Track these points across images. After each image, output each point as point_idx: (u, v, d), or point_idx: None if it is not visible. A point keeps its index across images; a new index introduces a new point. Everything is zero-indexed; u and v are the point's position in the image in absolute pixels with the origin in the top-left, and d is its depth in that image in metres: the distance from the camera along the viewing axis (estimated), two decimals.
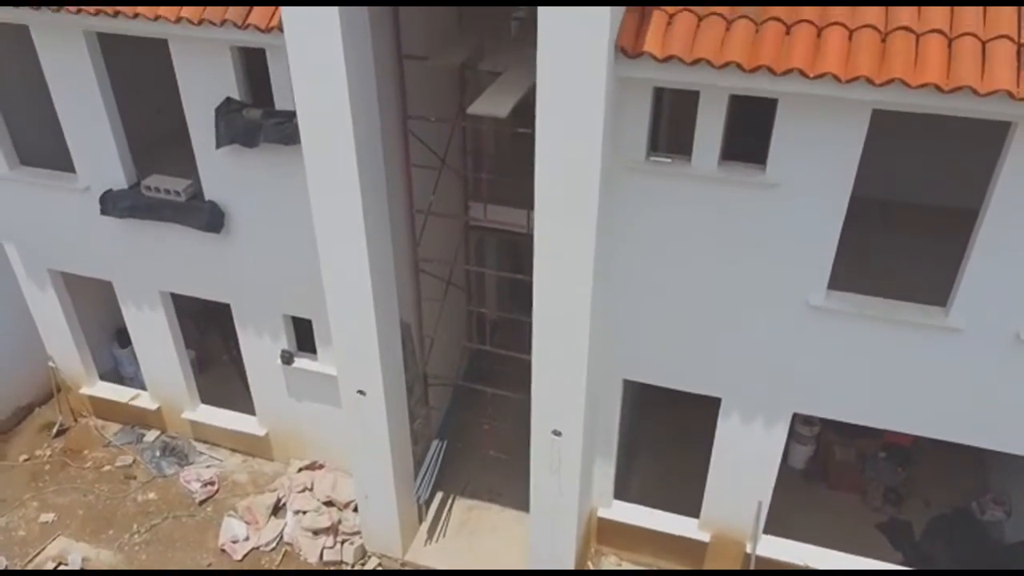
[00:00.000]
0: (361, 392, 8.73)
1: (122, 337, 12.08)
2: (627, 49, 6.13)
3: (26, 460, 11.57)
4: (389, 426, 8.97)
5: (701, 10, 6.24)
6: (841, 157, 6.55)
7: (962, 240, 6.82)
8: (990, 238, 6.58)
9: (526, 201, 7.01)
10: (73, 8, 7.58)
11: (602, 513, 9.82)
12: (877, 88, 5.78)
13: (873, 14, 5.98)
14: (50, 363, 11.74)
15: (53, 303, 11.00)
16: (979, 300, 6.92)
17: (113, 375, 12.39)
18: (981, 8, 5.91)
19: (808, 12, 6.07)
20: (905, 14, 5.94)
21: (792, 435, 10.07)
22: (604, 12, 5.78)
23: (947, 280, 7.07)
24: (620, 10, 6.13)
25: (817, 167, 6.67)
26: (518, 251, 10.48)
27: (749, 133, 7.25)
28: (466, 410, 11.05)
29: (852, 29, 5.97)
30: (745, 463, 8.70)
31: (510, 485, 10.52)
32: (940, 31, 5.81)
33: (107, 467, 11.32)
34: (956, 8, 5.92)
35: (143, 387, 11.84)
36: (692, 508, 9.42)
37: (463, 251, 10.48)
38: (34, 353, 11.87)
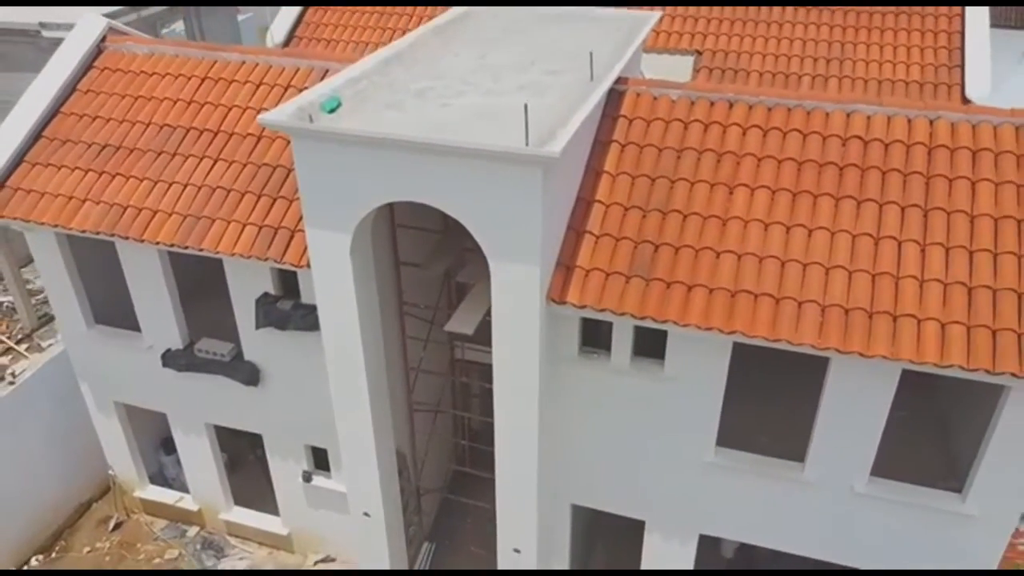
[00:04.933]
0: (366, 514, 11.20)
1: (167, 445, 14.55)
2: (555, 299, 8.69)
3: (89, 552, 14.01)
4: (388, 538, 11.42)
5: (608, 268, 8.80)
6: (715, 364, 9.07)
7: None
8: (825, 421, 9.09)
9: None
10: (151, 239, 10.17)
11: None
12: (727, 335, 8.31)
13: (726, 278, 8.52)
14: (110, 471, 14.23)
15: (116, 426, 13.50)
16: (823, 462, 9.41)
17: (159, 476, 14.84)
18: (801, 273, 8.45)
19: (681, 274, 8.61)
20: (748, 280, 8.47)
21: None
22: (534, 277, 8.34)
23: None
24: (549, 271, 8.69)
25: (699, 369, 9.19)
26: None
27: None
28: (452, 515, 13.48)
29: (712, 289, 8.51)
30: (665, 568, 11.12)
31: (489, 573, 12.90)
32: (770, 295, 8.35)
33: (157, 559, 13.75)
34: (784, 272, 8.46)
35: (184, 487, 14.30)
36: None
37: (450, 389, 12.97)
38: (91, 458, 14.32)
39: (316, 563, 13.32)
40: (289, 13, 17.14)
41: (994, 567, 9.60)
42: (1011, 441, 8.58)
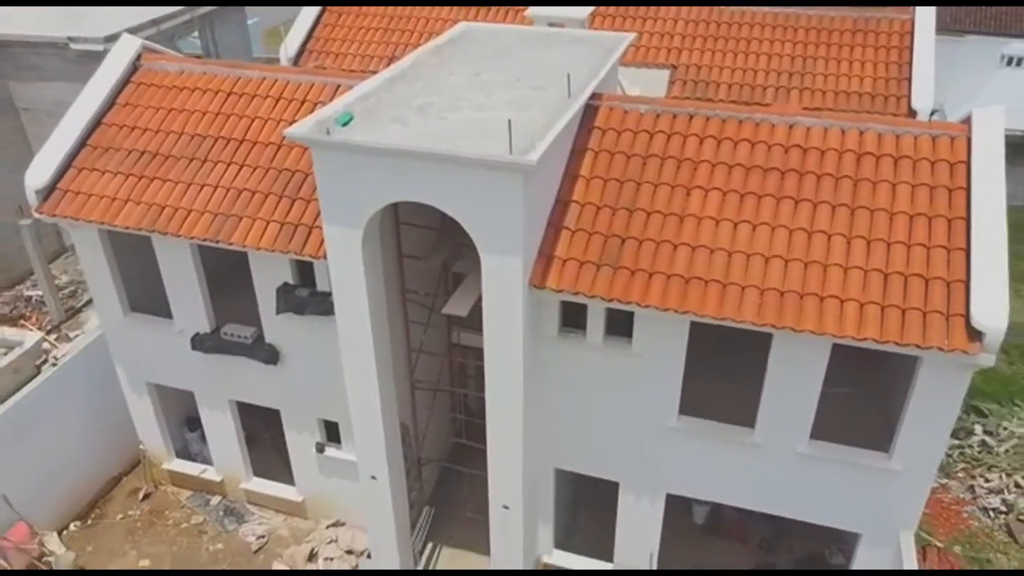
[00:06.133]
0: (373, 477, 12.68)
1: (191, 423, 16.03)
2: (536, 284, 10.18)
3: (122, 518, 15.49)
4: (393, 499, 12.90)
5: (582, 258, 10.29)
6: (676, 341, 10.55)
7: None
8: (770, 390, 10.58)
9: None
10: (187, 234, 11.67)
11: (546, 559, 13.69)
12: (681, 314, 9.80)
13: (681, 267, 10.01)
14: (141, 446, 15.73)
15: (147, 405, 15.01)
16: (770, 427, 10.89)
17: (183, 452, 16.31)
18: (745, 262, 9.92)
19: (643, 263, 10.10)
20: (700, 268, 9.96)
21: (695, 499, 14.04)
22: (517, 266, 9.82)
23: None
24: (531, 261, 10.17)
25: (663, 347, 10.67)
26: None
27: None
28: (450, 483, 14.97)
29: (669, 275, 10.00)
30: (638, 526, 12.62)
31: (482, 538, 14.25)
32: (718, 280, 9.84)
33: (184, 524, 15.25)
34: (731, 262, 9.94)
35: (206, 461, 15.80)
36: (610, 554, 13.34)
37: (447, 370, 14.45)
38: (122, 435, 15.80)
39: (328, 526, 14.81)
40: (300, 29, 18.63)
41: (918, 517, 11.09)
42: (925, 406, 10.07)
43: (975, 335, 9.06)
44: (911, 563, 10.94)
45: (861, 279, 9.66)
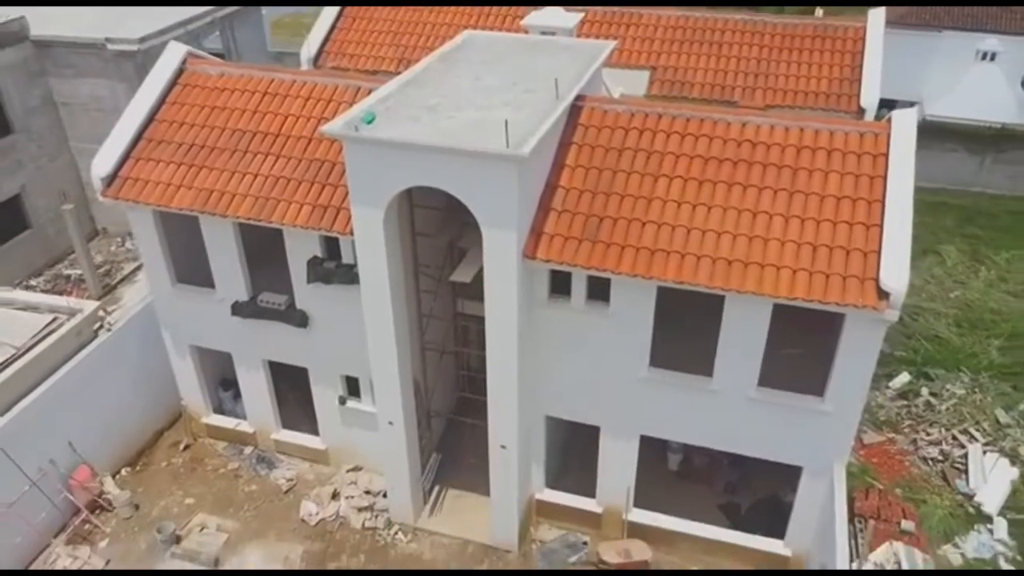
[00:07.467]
0: (390, 423, 14.81)
1: (225, 383, 18.18)
2: (528, 255, 12.29)
3: (166, 466, 17.64)
4: (407, 443, 15.05)
5: (567, 233, 12.38)
6: (645, 304, 12.65)
7: None
8: (724, 344, 12.70)
9: None
10: (232, 214, 13.76)
11: (538, 496, 15.87)
12: (647, 279, 11.91)
13: (649, 241, 12.11)
14: (182, 402, 17.87)
15: (189, 366, 17.14)
16: (725, 376, 13.02)
17: (218, 409, 18.44)
18: (700, 237, 12.03)
19: (617, 238, 12.20)
20: (664, 242, 12.05)
21: (668, 447, 16.24)
22: (513, 239, 11.91)
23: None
24: (524, 236, 12.27)
25: (634, 308, 12.77)
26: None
27: None
28: (455, 433, 17.12)
29: (638, 248, 12.10)
30: (617, 465, 14.77)
31: (482, 480, 16.35)
32: (678, 252, 11.95)
33: (222, 470, 17.40)
34: (689, 236, 12.04)
35: (239, 417, 17.93)
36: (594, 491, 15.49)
37: (452, 333, 16.58)
38: (164, 395, 17.93)
39: (348, 471, 16.96)
40: (318, 33, 20.69)
41: (848, 450, 13.25)
42: (849, 356, 12.20)
43: (883, 295, 11.18)
44: (842, 489, 13.12)
45: (795, 250, 11.77)
